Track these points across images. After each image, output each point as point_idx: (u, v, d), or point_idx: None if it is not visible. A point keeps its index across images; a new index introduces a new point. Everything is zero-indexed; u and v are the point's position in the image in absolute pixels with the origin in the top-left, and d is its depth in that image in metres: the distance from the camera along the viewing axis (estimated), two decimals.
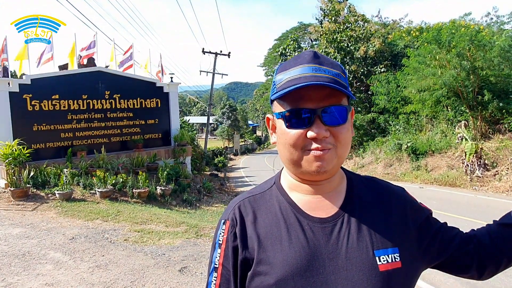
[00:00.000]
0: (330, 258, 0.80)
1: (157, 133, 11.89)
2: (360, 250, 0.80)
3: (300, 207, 0.85)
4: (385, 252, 0.81)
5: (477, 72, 14.31)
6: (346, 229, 0.82)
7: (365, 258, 0.79)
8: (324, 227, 0.82)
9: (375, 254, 0.80)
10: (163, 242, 5.61)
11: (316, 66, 0.80)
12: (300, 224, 0.83)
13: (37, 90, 9.22)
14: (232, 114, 50.08)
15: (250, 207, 0.89)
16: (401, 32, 25.85)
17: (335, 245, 0.81)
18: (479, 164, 13.14)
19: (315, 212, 0.84)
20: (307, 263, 0.79)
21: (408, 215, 0.88)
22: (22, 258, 4.55)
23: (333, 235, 0.81)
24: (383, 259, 0.80)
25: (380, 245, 0.81)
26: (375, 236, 0.82)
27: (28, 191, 7.48)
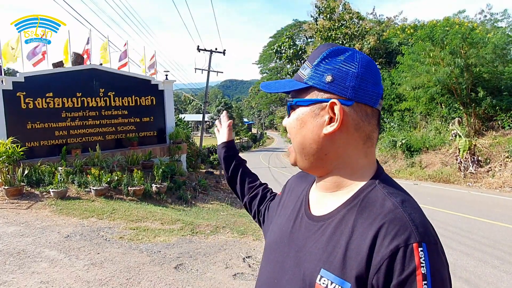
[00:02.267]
0: (296, 250, 0.82)
1: (152, 130, 11.86)
2: (312, 260, 0.77)
3: (309, 199, 0.91)
4: (331, 277, 0.72)
5: (471, 69, 14.42)
6: (320, 234, 0.79)
7: (310, 269, 0.76)
8: (310, 223, 0.83)
9: (320, 272, 0.74)
10: (159, 239, 5.61)
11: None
12: (298, 211, 0.90)
13: (31, 88, 9.15)
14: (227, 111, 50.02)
15: (299, 181, 1.03)
16: (396, 29, 25.94)
17: (304, 242, 0.81)
18: (472, 160, 13.26)
19: (314, 208, 0.87)
20: (281, 242, 0.88)
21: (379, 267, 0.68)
22: (17, 256, 4.53)
23: (309, 234, 0.81)
24: (323, 281, 0.72)
25: (331, 269, 0.72)
26: (335, 255, 0.73)
27: (22, 189, 7.44)
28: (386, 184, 0.78)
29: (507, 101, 14.43)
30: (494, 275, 4.72)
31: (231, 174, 1.35)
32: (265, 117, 77.21)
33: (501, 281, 4.55)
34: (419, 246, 0.66)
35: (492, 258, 5.35)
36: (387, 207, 0.72)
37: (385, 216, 0.70)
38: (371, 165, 0.82)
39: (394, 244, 0.67)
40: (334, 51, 0.79)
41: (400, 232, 0.67)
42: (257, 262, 5.02)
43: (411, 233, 0.67)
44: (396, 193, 0.75)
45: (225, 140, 1.41)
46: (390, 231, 0.68)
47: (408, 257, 0.65)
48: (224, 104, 50.97)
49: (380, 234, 0.69)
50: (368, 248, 0.69)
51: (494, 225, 7.22)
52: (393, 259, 0.66)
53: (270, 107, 56.24)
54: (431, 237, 0.69)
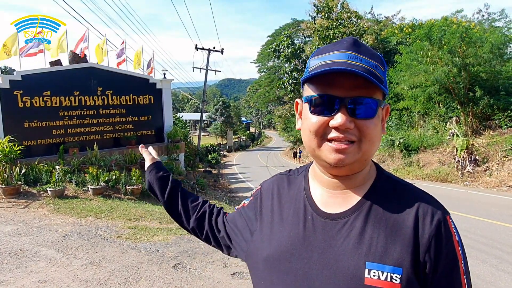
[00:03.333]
0: (320, 253, 0.79)
1: (150, 129, 11.84)
2: (351, 256, 0.75)
3: (312, 198, 0.87)
4: (380, 267, 0.73)
5: (468, 69, 14.46)
6: (347, 230, 0.78)
7: (353, 266, 0.75)
8: (327, 222, 0.81)
9: (366, 265, 0.74)
10: (157, 238, 5.60)
11: (352, 53, 0.75)
12: (305, 213, 0.85)
13: (28, 86, 9.11)
14: (225, 110, 49.97)
15: (281, 184, 0.96)
16: (394, 28, 25.96)
17: (328, 242, 0.79)
18: (470, 159, 13.31)
19: (325, 206, 0.84)
20: (297, 250, 0.81)
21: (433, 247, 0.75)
22: (14, 255, 4.51)
23: (332, 233, 0.79)
24: (373, 274, 0.73)
25: (377, 259, 0.74)
26: (376, 247, 0.75)
27: (19, 188, 7.41)
28: (389, 175, 0.87)
29: (505, 100, 14.48)
30: (493, 274, 4.74)
31: (168, 197, 1.17)
32: (263, 116, 77.20)
33: (500, 280, 4.56)
34: (449, 217, 0.79)
35: (490, 257, 5.36)
36: (410, 190, 0.82)
37: (416, 198, 0.79)
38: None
39: (436, 220, 0.76)
40: (382, 57, 0.82)
41: (435, 209, 0.78)
42: None
43: (440, 207, 0.79)
44: (401, 179, 0.87)
45: (152, 161, 1.25)
46: (427, 209, 0.77)
47: (448, 229, 0.77)
48: (222, 103, 50.88)
49: (419, 215, 0.77)
50: (413, 229, 0.75)
51: (492, 224, 7.24)
52: (439, 233, 0.75)
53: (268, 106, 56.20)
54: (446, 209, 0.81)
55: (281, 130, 47.31)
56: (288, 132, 40.63)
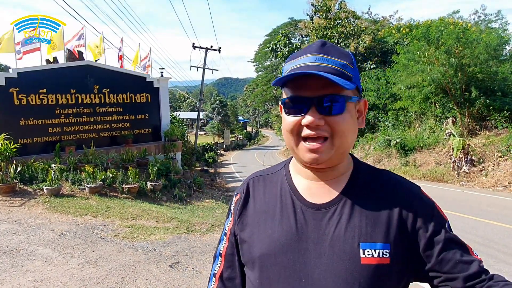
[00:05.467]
0: (315, 242, 0.82)
1: (147, 128, 11.79)
2: (345, 240, 0.80)
3: (298, 191, 0.90)
4: (372, 246, 0.80)
5: (465, 69, 14.50)
6: (337, 217, 0.83)
7: (349, 248, 0.80)
8: (316, 212, 0.85)
9: (360, 246, 0.80)
10: (154, 237, 5.58)
11: (320, 56, 0.81)
12: (293, 206, 0.88)
13: (24, 84, 9.04)
14: (222, 109, 49.90)
15: (258, 185, 0.98)
16: (391, 29, 26.02)
17: (322, 231, 0.83)
18: (466, 160, 13.35)
19: (312, 198, 0.87)
20: (291, 243, 0.84)
21: (413, 217, 0.83)
22: (10, 254, 4.47)
23: (323, 222, 0.84)
24: (367, 253, 0.79)
25: (369, 238, 0.80)
26: (366, 228, 0.81)
27: (15, 186, 7.35)
28: (363, 163, 0.94)
29: (500, 101, 14.55)
30: None
31: None
32: (260, 115, 77.14)
33: None
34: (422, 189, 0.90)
35: (486, 256, 5.38)
36: (387, 175, 0.91)
37: (391, 180, 0.89)
38: None
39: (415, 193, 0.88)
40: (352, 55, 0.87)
41: (410, 185, 0.89)
42: None
43: (412, 184, 0.90)
44: (372, 165, 0.95)
45: None
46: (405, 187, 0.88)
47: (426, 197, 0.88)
48: (219, 102, 50.79)
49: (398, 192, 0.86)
50: (396, 207, 0.83)
51: (488, 224, 7.28)
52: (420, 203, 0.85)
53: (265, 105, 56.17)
54: None
55: (278, 130, 47.33)
56: None
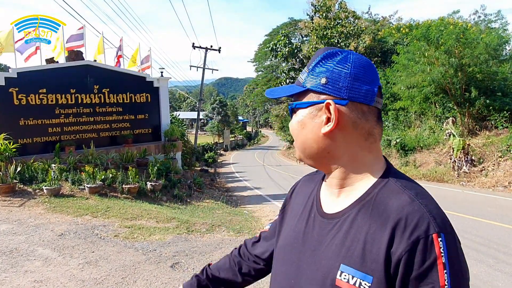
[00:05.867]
0: (312, 250, 0.84)
1: (147, 128, 11.78)
2: (330, 256, 0.78)
3: (319, 196, 0.92)
4: (351, 271, 0.74)
5: (465, 69, 14.50)
6: (335, 231, 0.81)
7: (330, 265, 0.78)
8: (323, 221, 0.85)
9: (340, 267, 0.76)
10: (154, 238, 5.57)
11: None
12: (310, 210, 0.91)
13: (24, 84, 9.02)
14: (222, 109, 49.90)
15: (304, 183, 1.04)
16: (391, 29, 26.04)
17: (320, 241, 0.83)
18: (466, 160, 13.35)
19: (326, 205, 0.88)
20: (296, 245, 0.88)
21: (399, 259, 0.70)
22: (9, 255, 4.46)
23: (325, 232, 0.83)
24: (344, 276, 0.74)
25: (352, 263, 0.74)
26: (353, 251, 0.75)
27: (15, 186, 7.34)
28: (399, 178, 0.81)
29: (500, 101, 14.55)
30: (490, 274, 4.75)
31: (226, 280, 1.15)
32: (260, 115, 77.16)
33: (497, 279, 4.58)
34: (438, 236, 0.69)
35: (487, 257, 5.38)
36: (404, 200, 0.74)
37: (403, 209, 0.73)
38: (378, 160, 0.84)
39: (415, 236, 0.69)
40: (328, 54, 0.83)
41: (420, 224, 0.70)
42: None
43: (429, 224, 0.70)
44: (410, 186, 0.79)
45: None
46: (410, 223, 0.70)
47: (428, 248, 0.68)
48: (219, 102, 50.77)
49: (399, 227, 0.71)
50: (388, 240, 0.71)
51: (488, 224, 7.27)
52: (414, 250, 0.69)
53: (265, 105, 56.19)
54: (448, 227, 0.72)
55: (278, 129, 47.28)
56: (285, 132, 40.62)
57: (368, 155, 0.83)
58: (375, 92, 0.81)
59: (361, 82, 0.80)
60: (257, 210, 9.79)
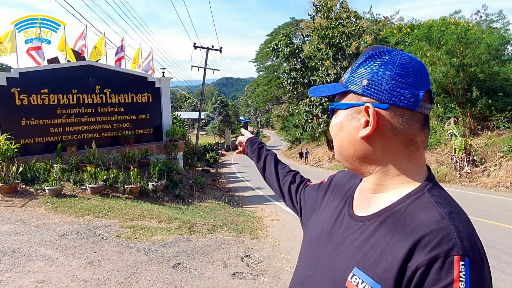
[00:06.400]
0: (333, 247, 0.84)
1: (149, 128, 11.78)
2: (347, 259, 0.78)
3: (353, 196, 0.92)
4: (363, 276, 0.73)
5: (466, 69, 14.48)
6: (358, 235, 0.80)
7: (344, 266, 0.78)
8: (350, 221, 0.85)
9: (353, 269, 0.75)
10: (156, 238, 5.57)
11: None
12: (342, 208, 0.92)
13: (26, 84, 9.03)
14: (223, 109, 49.91)
15: (348, 176, 1.03)
16: (393, 29, 25.99)
17: (342, 241, 0.83)
18: (468, 160, 13.34)
19: (356, 207, 0.88)
20: (322, 239, 0.90)
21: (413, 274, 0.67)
22: (12, 255, 4.46)
23: (348, 233, 0.83)
24: (354, 279, 0.74)
25: (365, 268, 0.74)
26: (369, 257, 0.74)
27: (16, 187, 7.35)
28: (436, 193, 0.76)
29: (502, 101, 14.53)
30: (492, 274, 4.74)
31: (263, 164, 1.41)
32: (261, 115, 77.13)
33: (499, 280, 4.57)
34: (461, 259, 0.64)
35: (489, 258, 5.35)
36: (433, 217, 0.70)
37: (430, 225, 0.68)
38: (419, 169, 0.80)
39: (434, 253, 0.65)
40: (374, 54, 0.80)
41: (443, 243, 0.65)
42: (256, 261, 5.00)
43: (454, 245, 0.65)
44: (445, 203, 0.73)
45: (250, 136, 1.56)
46: (432, 240, 0.66)
47: (446, 269, 0.64)
48: (220, 102, 50.78)
49: (421, 242, 0.67)
50: (406, 253, 0.68)
51: (490, 224, 7.25)
52: (429, 268, 0.65)
53: (266, 105, 56.18)
54: (477, 253, 0.66)
55: (279, 130, 47.28)
56: (286, 132, 40.59)
57: (407, 163, 0.79)
58: (421, 96, 0.75)
59: (405, 85, 0.75)
60: (259, 210, 9.79)
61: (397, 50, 0.80)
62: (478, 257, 0.66)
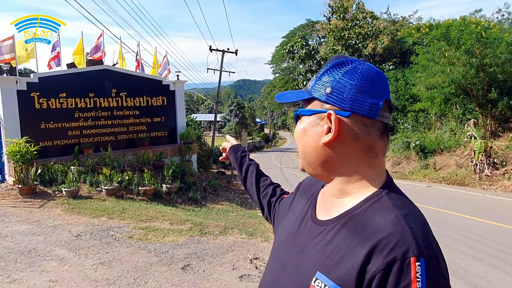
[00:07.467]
0: (297, 252, 0.86)
1: (163, 131, 11.94)
2: (310, 262, 0.80)
3: (316, 200, 0.94)
4: (325, 280, 0.74)
5: (486, 70, 14.09)
6: (321, 239, 0.81)
7: (307, 270, 0.79)
8: (313, 226, 0.87)
9: (316, 273, 0.77)
10: (167, 239, 5.64)
11: None
12: (306, 212, 0.93)
13: (45, 89, 9.30)
14: (239, 111, 50.08)
15: (310, 182, 1.06)
16: (411, 29, 25.56)
17: (305, 245, 0.85)
18: (488, 162, 12.98)
19: (319, 211, 0.90)
20: (286, 244, 0.91)
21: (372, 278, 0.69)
22: (27, 254, 4.61)
23: (311, 237, 0.85)
24: (317, 283, 0.75)
25: (327, 272, 0.75)
26: (331, 261, 0.75)
27: (35, 188, 7.58)
28: (393, 196, 0.78)
29: None
30: (506, 281, 4.60)
31: (245, 173, 1.43)
32: (278, 117, 77.04)
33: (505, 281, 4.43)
34: (417, 260, 0.66)
35: (504, 263, 5.21)
36: (390, 220, 0.72)
37: (386, 228, 0.71)
38: (378, 175, 0.83)
39: (391, 256, 0.67)
40: (337, 64, 0.82)
41: (399, 245, 0.68)
42: (264, 263, 5.00)
43: (409, 247, 0.67)
44: (402, 205, 0.76)
45: (235, 143, 1.60)
46: (389, 243, 0.69)
47: (404, 271, 0.66)
48: (237, 104, 50.98)
49: (379, 245, 0.69)
50: (365, 256, 0.70)
51: (508, 229, 7.04)
52: (388, 271, 0.67)
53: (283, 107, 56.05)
54: (431, 253, 0.69)
55: None
56: None
57: (367, 169, 0.81)
58: (380, 105, 0.78)
59: (366, 94, 0.78)
60: None
61: (359, 60, 0.82)
62: (433, 255, 0.69)
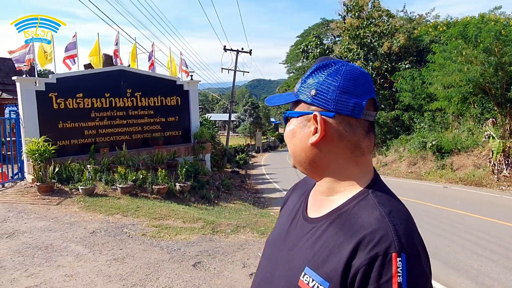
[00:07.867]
0: (289, 249, 0.89)
1: (177, 130, 12.08)
2: (299, 259, 0.83)
3: (308, 199, 0.97)
4: (313, 275, 0.77)
5: (505, 68, 13.77)
6: (310, 236, 0.85)
7: (298, 265, 0.82)
8: (304, 224, 0.90)
9: (305, 269, 0.80)
10: (180, 237, 5.72)
11: None
12: (297, 211, 0.96)
13: (62, 89, 9.53)
14: (254, 111, 50.10)
15: (303, 183, 1.09)
16: (428, 26, 25.18)
17: (296, 242, 0.88)
18: (506, 163, 12.69)
19: (309, 209, 0.93)
20: (279, 241, 0.94)
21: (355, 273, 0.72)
22: (44, 250, 4.75)
23: (301, 234, 0.88)
24: (306, 278, 0.78)
25: (315, 267, 0.78)
26: (319, 256, 0.78)
27: (53, 186, 7.78)
28: (379, 194, 0.82)
29: None
30: (508, 275, 4.51)
31: None
32: None
33: None
34: (398, 256, 0.69)
35: None
36: (374, 217, 0.76)
37: (370, 225, 0.74)
38: (365, 174, 0.85)
39: (374, 252, 0.71)
40: (321, 66, 0.85)
41: (382, 241, 0.71)
42: None
43: (391, 243, 0.71)
44: (387, 203, 0.79)
45: None
46: (372, 239, 0.72)
47: (386, 266, 0.69)
48: (251, 104, 51.05)
49: (363, 242, 0.73)
50: (350, 252, 0.73)
51: None
52: (371, 266, 0.70)
53: None
54: (413, 249, 0.72)
55: None
56: None
57: (353, 167, 0.84)
58: (363, 105, 0.81)
59: (349, 95, 0.81)
60: None
61: (343, 61, 0.85)
62: (415, 252, 0.72)
